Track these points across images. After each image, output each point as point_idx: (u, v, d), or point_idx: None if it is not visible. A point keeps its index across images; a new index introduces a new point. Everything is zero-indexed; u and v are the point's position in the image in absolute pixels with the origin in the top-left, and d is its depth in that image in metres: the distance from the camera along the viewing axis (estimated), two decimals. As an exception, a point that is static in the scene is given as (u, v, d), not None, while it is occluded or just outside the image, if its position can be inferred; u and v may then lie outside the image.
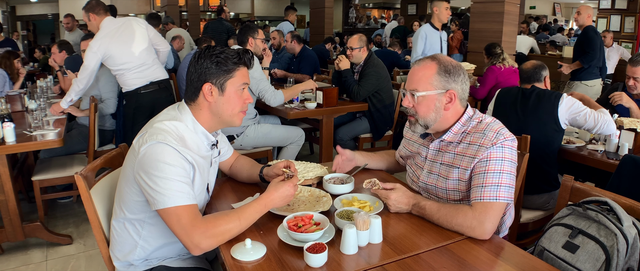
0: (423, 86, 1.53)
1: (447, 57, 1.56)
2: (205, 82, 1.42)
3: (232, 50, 1.45)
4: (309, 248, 1.21)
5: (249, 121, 3.27)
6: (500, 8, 4.64)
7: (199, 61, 1.43)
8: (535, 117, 2.35)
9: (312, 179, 1.78)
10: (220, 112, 1.46)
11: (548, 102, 2.35)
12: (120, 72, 3.26)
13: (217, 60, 1.41)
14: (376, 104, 3.68)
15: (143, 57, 3.27)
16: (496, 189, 1.40)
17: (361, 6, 16.32)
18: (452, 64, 1.53)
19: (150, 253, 1.48)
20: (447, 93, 1.52)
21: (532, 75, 2.54)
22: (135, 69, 3.25)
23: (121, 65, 3.22)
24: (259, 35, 3.43)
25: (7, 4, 13.39)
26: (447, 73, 1.52)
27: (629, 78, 2.82)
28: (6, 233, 2.63)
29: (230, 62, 1.42)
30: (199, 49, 1.47)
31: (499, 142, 1.45)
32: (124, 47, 3.19)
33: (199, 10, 11.13)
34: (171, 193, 1.28)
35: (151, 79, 3.33)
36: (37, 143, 2.56)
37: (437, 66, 1.52)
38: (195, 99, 1.46)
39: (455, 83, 1.52)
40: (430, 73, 1.52)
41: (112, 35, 3.17)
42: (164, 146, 1.31)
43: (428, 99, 1.53)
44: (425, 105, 1.54)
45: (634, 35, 7.42)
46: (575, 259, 1.32)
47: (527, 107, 2.40)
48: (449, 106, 1.53)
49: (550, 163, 2.35)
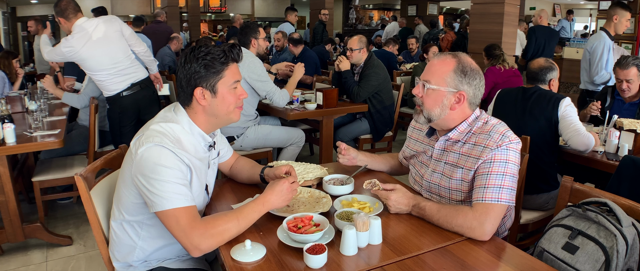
0: (436, 80, 1.53)
1: (468, 58, 1.55)
2: (195, 87, 1.40)
3: (217, 49, 1.41)
4: (308, 249, 1.21)
5: (249, 122, 3.27)
6: (500, 9, 4.63)
7: (186, 65, 1.40)
8: (533, 118, 2.34)
9: (312, 181, 1.78)
10: (216, 113, 1.45)
11: (548, 104, 2.33)
12: (99, 77, 3.16)
13: (204, 63, 1.38)
14: (376, 105, 3.68)
15: (119, 60, 3.16)
16: (498, 191, 1.41)
17: (361, 7, 16.33)
18: (471, 66, 1.52)
19: (149, 254, 1.48)
20: (458, 93, 1.52)
21: (537, 75, 2.48)
22: (114, 73, 3.16)
23: (98, 71, 3.12)
24: (261, 35, 3.39)
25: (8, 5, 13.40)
26: (463, 73, 1.51)
27: (620, 82, 2.79)
28: (6, 234, 2.63)
29: (218, 63, 1.39)
30: (185, 52, 1.44)
31: (504, 144, 1.45)
32: (98, 52, 3.07)
33: (199, 12, 11.15)
34: (169, 195, 1.28)
35: (132, 81, 3.25)
36: (38, 144, 2.56)
37: (456, 64, 1.52)
38: (189, 104, 1.44)
39: (469, 86, 1.52)
40: (447, 69, 1.52)
41: (85, 40, 3.03)
42: (160, 148, 1.31)
43: (437, 93, 1.53)
44: (433, 98, 1.54)
45: (633, 36, 7.42)
46: (574, 260, 1.32)
47: (527, 107, 2.39)
48: (456, 106, 1.53)
49: (548, 163, 2.35)
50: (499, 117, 1.60)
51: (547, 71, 2.47)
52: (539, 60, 2.53)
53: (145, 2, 14.89)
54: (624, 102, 2.89)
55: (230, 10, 16.77)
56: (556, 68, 2.51)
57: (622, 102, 2.89)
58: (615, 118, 2.56)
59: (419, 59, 6.81)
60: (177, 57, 6.40)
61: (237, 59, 1.45)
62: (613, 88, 2.96)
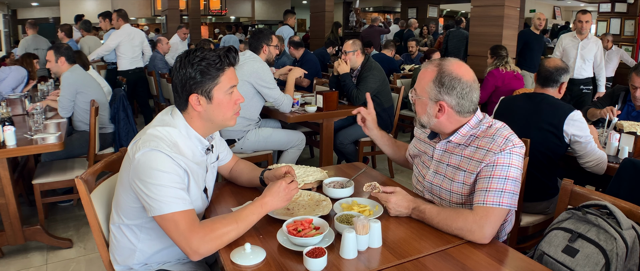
0: (420, 90, 1.56)
1: (450, 67, 1.50)
2: (190, 93, 1.38)
3: (213, 54, 1.37)
4: (308, 252, 1.20)
5: (251, 125, 3.28)
6: (500, 12, 4.64)
7: (180, 70, 1.37)
8: (536, 127, 2.24)
9: (312, 183, 1.77)
10: (212, 119, 1.43)
11: (555, 115, 2.21)
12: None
13: (199, 69, 1.35)
14: (376, 108, 3.63)
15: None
16: (500, 195, 1.40)
17: (361, 10, 16.35)
18: (450, 76, 1.49)
19: (149, 257, 1.48)
20: (437, 103, 1.52)
21: (551, 76, 2.31)
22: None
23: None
24: (273, 42, 3.38)
25: (8, 8, 13.42)
26: (440, 84, 1.49)
27: (634, 89, 2.69)
28: (6, 237, 2.63)
29: (213, 69, 1.36)
30: (180, 56, 1.40)
31: (507, 148, 1.44)
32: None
33: (199, 14, 11.16)
34: (167, 200, 1.28)
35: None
36: (38, 147, 2.56)
37: (435, 74, 1.51)
38: (184, 109, 1.43)
39: (448, 96, 1.50)
40: (428, 79, 1.53)
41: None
42: (157, 153, 1.30)
43: (422, 102, 1.56)
44: (420, 106, 1.57)
45: (634, 39, 7.43)
46: (574, 263, 1.32)
47: (531, 116, 2.28)
48: (440, 114, 1.53)
49: (547, 174, 2.30)
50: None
51: (562, 72, 2.32)
52: (555, 60, 2.38)
53: (146, 5, 14.91)
54: (634, 108, 2.82)
55: (231, 13, 16.80)
56: (569, 71, 2.39)
57: (632, 108, 2.83)
58: (615, 121, 2.56)
59: (419, 62, 6.82)
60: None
61: (233, 63, 1.43)
62: (626, 92, 2.86)
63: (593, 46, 4.75)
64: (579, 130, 2.19)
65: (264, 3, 17.17)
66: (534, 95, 2.37)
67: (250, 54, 3.27)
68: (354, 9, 15.30)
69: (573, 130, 2.19)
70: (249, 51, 3.31)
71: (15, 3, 13.74)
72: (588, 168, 2.26)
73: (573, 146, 2.24)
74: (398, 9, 15.50)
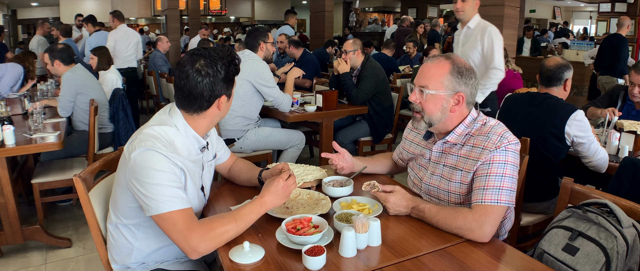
0: (433, 85, 1.52)
1: (461, 59, 1.54)
2: (220, 95, 1.40)
3: (230, 60, 1.40)
4: (307, 250, 1.20)
5: (250, 125, 3.27)
6: (500, 12, 4.64)
7: (205, 78, 1.35)
8: (538, 127, 2.23)
9: (312, 182, 1.77)
10: (219, 117, 1.48)
11: (556, 115, 2.19)
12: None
13: (226, 74, 1.39)
14: (375, 107, 3.68)
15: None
16: (497, 192, 1.40)
17: (361, 10, 16.36)
18: (465, 66, 1.52)
19: (146, 256, 1.48)
20: (456, 95, 1.51)
21: (553, 75, 2.27)
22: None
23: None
24: (270, 39, 3.38)
25: (8, 8, 13.43)
26: (459, 75, 1.50)
27: (633, 86, 2.70)
28: (5, 236, 2.62)
29: (232, 74, 1.43)
30: (198, 65, 1.35)
31: (502, 145, 1.44)
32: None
33: (199, 15, 11.16)
34: (164, 199, 1.28)
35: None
36: (37, 146, 2.56)
37: (451, 66, 1.51)
38: (201, 112, 1.42)
39: (466, 86, 1.51)
40: (443, 72, 1.51)
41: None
42: (152, 152, 1.30)
43: (436, 98, 1.52)
44: (432, 103, 1.53)
45: (633, 38, 7.43)
46: (575, 261, 1.32)
47: (533, 115, 2.27)
48: (455, 108, 1.53)
49: (547, 175, 2.28)
50: (504, 123, 1.57)
51: (565, 69, 2.28)
52: (555, 58, 2.35)
53: (146, 5, 14.92)
54: (633, 108, 2.81)
55: (231, 13, 16.81)
56: (572, 67, 2.34)
57: (632, 107, 2.82)
58: (615, 120, 2.55)
59: (418, 62, 6.80)
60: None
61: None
62: (626, 92, 2.86)
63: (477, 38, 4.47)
64: (581, 130, 2.17)
65: (264, 3, 17.18)
66: (537, 95, 2.34)
67: (249, 52, 3.27)
68: (354, 9, 15.31)
69: (575, 131, 2.17)
70: (247, 50, 3.31)
71: (15, 3, 13.75)
72: (591, 167, 2.26)
73: (576, 148, 2.23)
74: (398, 9, 15.51)
